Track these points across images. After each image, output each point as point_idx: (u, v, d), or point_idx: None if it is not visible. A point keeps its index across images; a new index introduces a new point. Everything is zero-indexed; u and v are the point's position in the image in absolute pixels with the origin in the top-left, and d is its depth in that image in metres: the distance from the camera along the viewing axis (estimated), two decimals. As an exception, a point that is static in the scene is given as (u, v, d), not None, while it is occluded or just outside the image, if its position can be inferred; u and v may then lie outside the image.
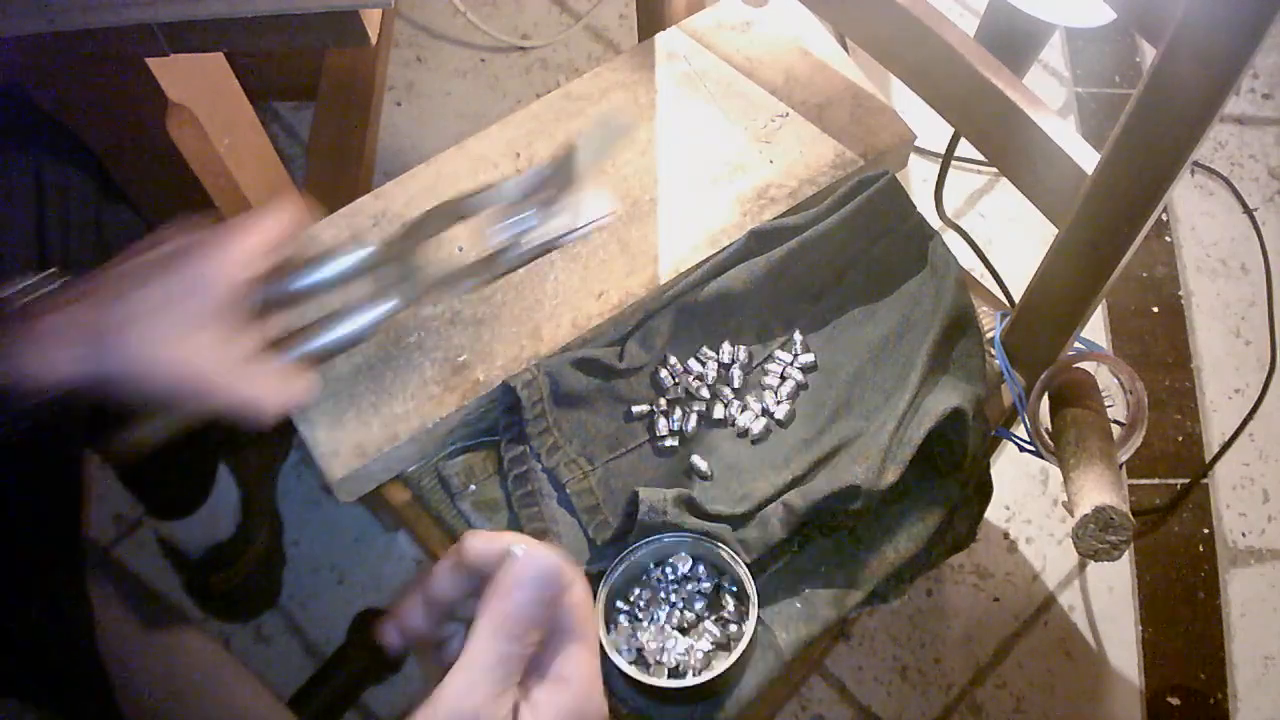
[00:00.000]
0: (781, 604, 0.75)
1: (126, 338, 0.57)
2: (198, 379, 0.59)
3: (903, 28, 0.76)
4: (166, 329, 0.57)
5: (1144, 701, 1.17)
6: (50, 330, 0.57)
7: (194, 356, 0.58)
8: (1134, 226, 0.66)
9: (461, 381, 0.78)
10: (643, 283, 0.81)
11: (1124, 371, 0.77)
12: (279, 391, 0.61)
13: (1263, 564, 1.24)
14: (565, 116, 0.88)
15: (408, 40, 1.54)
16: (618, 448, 0.78)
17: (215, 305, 0.59)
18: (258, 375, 0.61)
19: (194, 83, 0.82)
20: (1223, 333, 1.36)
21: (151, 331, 0.57)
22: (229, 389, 0.60)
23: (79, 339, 0.57)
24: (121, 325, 0.57)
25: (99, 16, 0.67)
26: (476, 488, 0.78)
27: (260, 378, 0.61)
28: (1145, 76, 0.58)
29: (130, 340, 0.57)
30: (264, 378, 0.61)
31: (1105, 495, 0.68)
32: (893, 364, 0.80)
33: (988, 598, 1.21)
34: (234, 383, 0.60)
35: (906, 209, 0.84)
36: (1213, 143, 1.49)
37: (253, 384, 0.60)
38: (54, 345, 0.56)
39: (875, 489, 0.73)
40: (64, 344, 0.56)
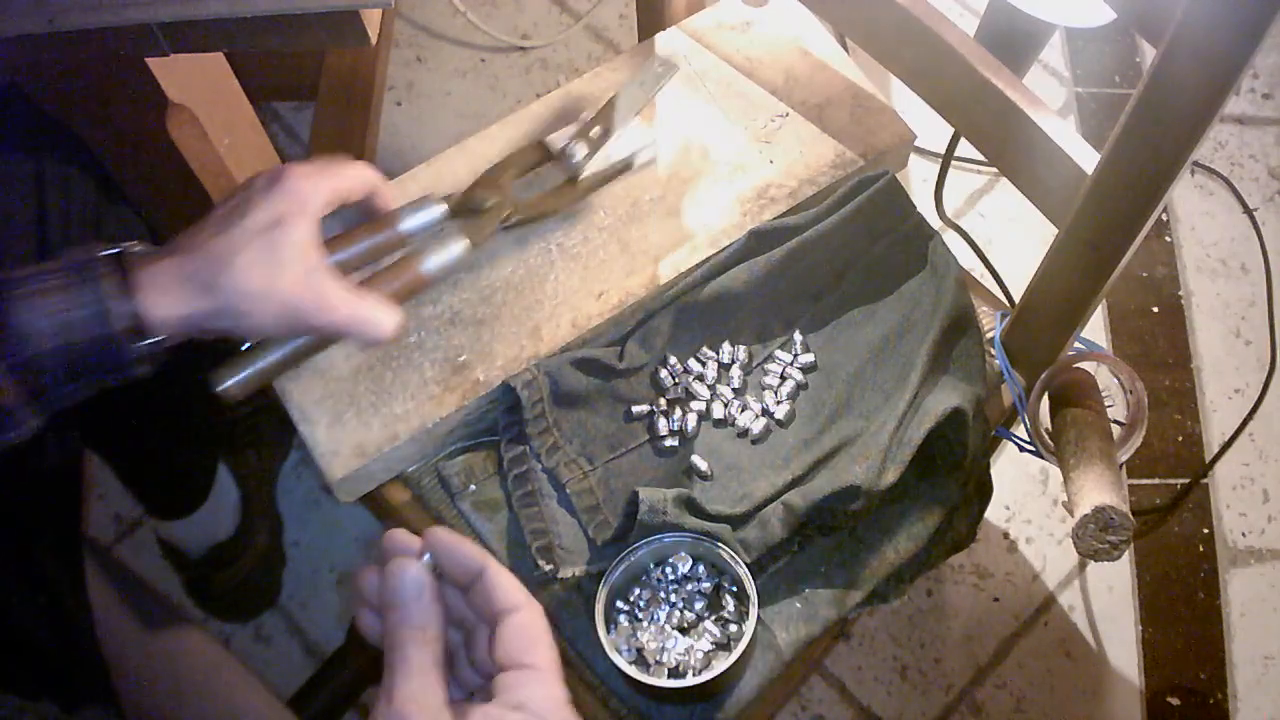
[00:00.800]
0: (781, 604, 0.75)
1: (235, 272, 0.60)
2: (314, 301, 0.63)
3: (903, 28, 0.76)
4: (270, 258, 0.61)
5: (1144, 701, 1.17)
6: (165, 274, 0.60)
7: (302, 282, 0.62)
8: (1134, 226, 0.66)
9: (461, 381, 0.78)
10: (643, 283, 0.81)
11: (1124, 371, 0.77)
12: (385, 316, 0.66)
13: (1263, 564, 1.24)
14: (565, 116, 0.88)
15: (408, 40, 1.54)
16: (618, 448, 0.78)
17: (311, 234, 0.63)
18: (364, 299, 0.65)
19: (194, 83, 0.82)
20: (1223, 333, 1.36)
21: (258, 262, 0.61)
22: (342, 310, 0.64)
23: (192, 279, 0.60)
24: (227, 260, 0.60)
25: (99, 16, 0.67)
26: (476, 488, 0.78)
27: (368, 300, 0.65)
28: (1145, 76, 0.58)
29: (239, 273, 0.60)
30: (371, 301, 0.65)
31: (1105, 495, 0.68)
32: (893, 364, 0.80)
33: (988, 598, 1.21)
34: (346, 303, 0.64)
35: (906, 209, 0.84)
36: (1213, 143, 1.49)
37: (361, 306, 0.65)
38: (170, 287, 0.60)
39: (875, 489, 0.73)
40: (179, 285, 0.60)
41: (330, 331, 0.66)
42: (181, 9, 0.67)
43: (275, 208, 0.62)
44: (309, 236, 0.63)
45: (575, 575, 0.73)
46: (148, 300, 0.60)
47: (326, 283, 0.64)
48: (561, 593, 0.74)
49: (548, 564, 0.73)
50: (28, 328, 0.57)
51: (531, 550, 0.74)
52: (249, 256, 0.61)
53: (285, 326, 0.63)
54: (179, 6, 0.67)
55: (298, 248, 0.62)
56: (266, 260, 0.61)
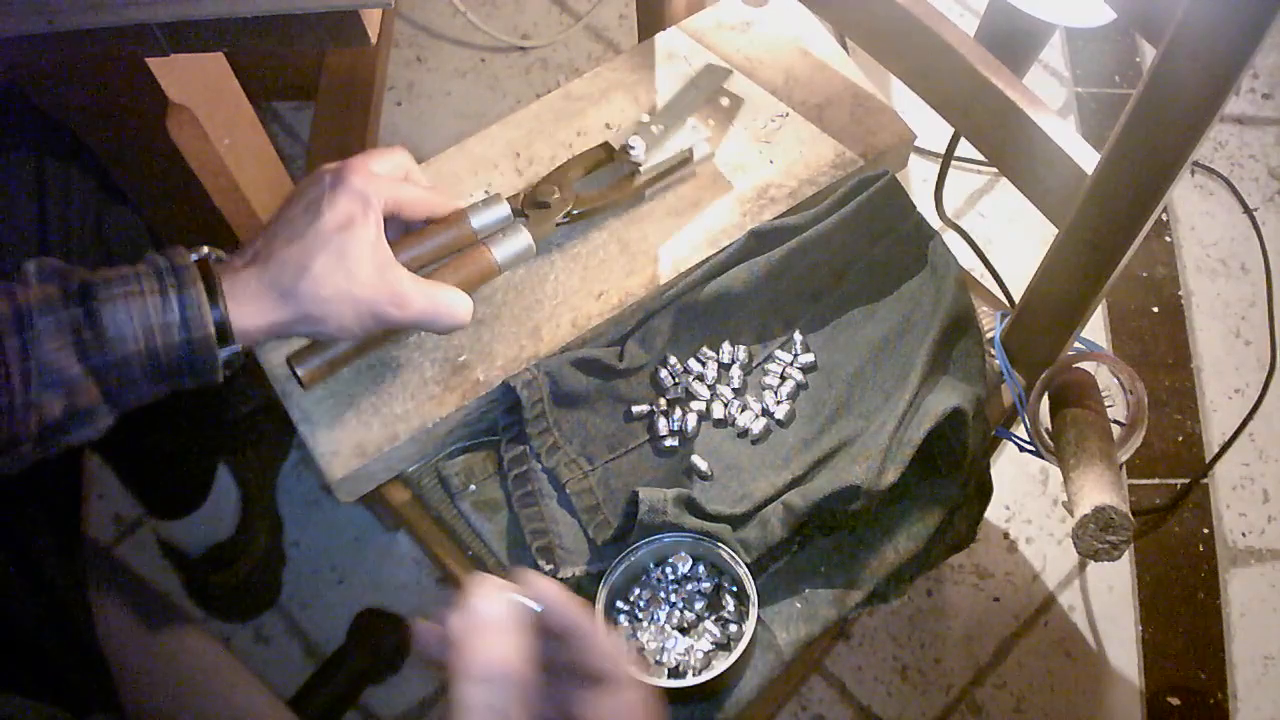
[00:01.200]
0: (781, 604, 0.75)
1: (312, 279, 0.62)
2: (390, 298, 0.64)
3: (903, 28, 0.76)
4: (343, 263, 0.63)
5: (1144, 701, 1.17)
6: (247, 284, 0.62)
7: (375, 281, 0.64)
8: (1134, 226, 0.66)
9: (461, 381, 0.78)
10: (643, 283, 0.81)
11: (1124, 371, 0.77)
12: (460, 303, 0.68)
13: (1263, 564, 1.24)
14: (565, 116, 0.88)
15: (408, 40, 1.54)
16: (618, 448, 0.78)
17: (378, 232, 0.64)
18: (438, 289, 0.67)
19: (194, 83, 0.82)
20: (1223, 333, 1.36)
21: (332, 268, 0.62)
22: (418, 304, 0.66)
23: (272, 288, 0.62)
24: (304, 268, 0.62)
25: (99, 16, 0.67)
26: (476, 488, 0.78)
27: (442, 290, 0.67)
28: (1145, 76, 0.58)
29: (315, 280, 0.62)
30: (445, 290, 0.68)
31: (1105, 495, 0.68)
32: (893, 364, 0.80)
33: (988, 598, 1.21)
34: (423, 296, 0.66)
35: (906, 209, 0.84)
36: (1213, 143, 1.49)
37: (437, 297, 0.67)
38: (253, 297, 0.62)
39: (875, 489, 0.73)
40: (261, 295, 0.62)
41: (409, 325, 0.67)
42: (181, 9, 0.67)
43: (343, 209, 0.63)
44: (376, 234, 0.64)
45: (575, 575, 0.73)
46: (233, 309, 0.61)
47: (400, 279, 0.65)
48: (561, 593, 0.74)
49: (548, 564, 0.73)
50: (117, 331, 0.58)
51: (531, 550, 0.74)
52: (323, 262, 0.62)
53: (366, 325, 0.65)
54: (179, 6, 0.67)
55: (367, 247, 0.64)
56: (340, 264, 0.63)
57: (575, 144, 0.87)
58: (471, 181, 0.85)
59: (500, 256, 0.75)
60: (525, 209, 0.78)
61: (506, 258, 0.75)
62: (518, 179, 0.85)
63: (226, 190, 0.91)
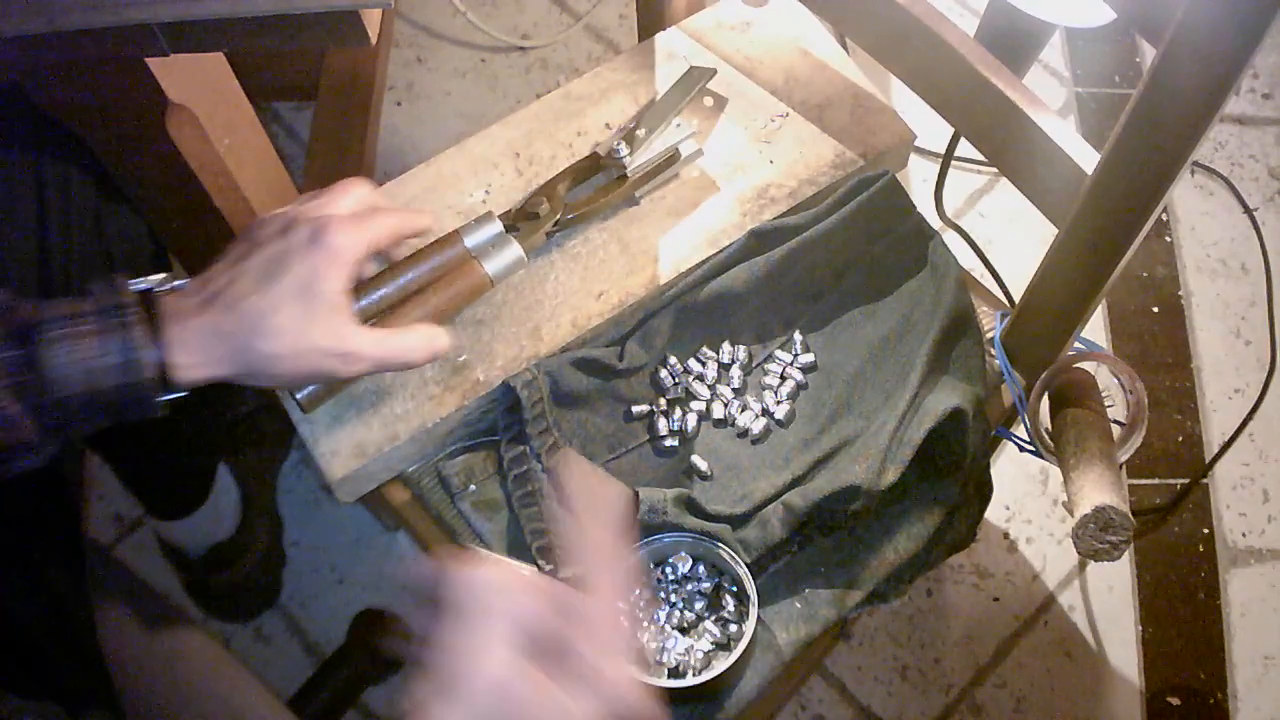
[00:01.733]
0: (781, 604, 0.75)
1: (266, 335, 0.61)
2: (340, 356, 0.63)
3: (903, 28, 0.76)
4: (302, 323, 0.61)
5: (1144, 701, 1.17)
6: (196, 333, 0.60)
7: (326, 342, 0.62)
8: (1134, 226, 0.66)
9: (461, 381, 0.78)
10: (643, 283, 0.81)
11: (1124, 371, 0.77)
12: (416, 345, 0.67)
13: (1263, 564, 1.24)
14: (565, 116, 0.88)
15: (408, 40, 1.54)
16: (618, 448, 0.78)
17: (343, 289, 0.63)
18: (390, 338, 0.66)
19: (194, 83, 0.82)
20: (1223, 333, 1.36)
21: (289, 328, 0.61)
22: (369, 357, 0.64)
23: (223, 341, 0.60)
24: (260, 324, 0.61)
25: (99, 16, 0.67)
26: (476, 488, 0.78)
27: (395, 338, 0.66)
28: (1145, 76, 0.58)
29: (270, 337, 0.61)
30: (398, 337, 0.67)
31: (1105, 495, 0.68)
32: (893, 364, 0.80)
33: (988, 598, 1.21)
34: (375, 347, 0.65)
35: (906, 209, 0.84)
36: (1213, 143, 1.49)
37: (387, 346, 0.66)
38: (200, 347, 0.60)
39: (875, 489, 0.73)
40: (209, 345, 0.60)
41: (362, 375, 0.67)
42: (181, 9, 0.67)
43: (312, 264, 0.62)
44: (341, 292, 0.63)
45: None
46: (176, 356, 0.60)
47: (351, 334, 0.64)
48: (561, 593, 0.74)
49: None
50: (56, 373, 0.57)
51: (531, 550, 0.74)
52: (281, 321, 0.61)
53: (314, 381, 0.65)
54: (179, 6, 0.67)
55: (329, 305, 0.62)
56: (297, 325, 0.61)
57: (575, 144, 0.87)
58: (471, 181, 0.85)
59: (492, 270, 0.76)
60: (516, 223, 0.80)
61: (498, 270, 0.77)
62: (518, 179, 0.85)
63: (226, 190, 0.91)
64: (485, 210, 0.81)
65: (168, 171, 0.86)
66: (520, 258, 0.78)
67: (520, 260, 0.78)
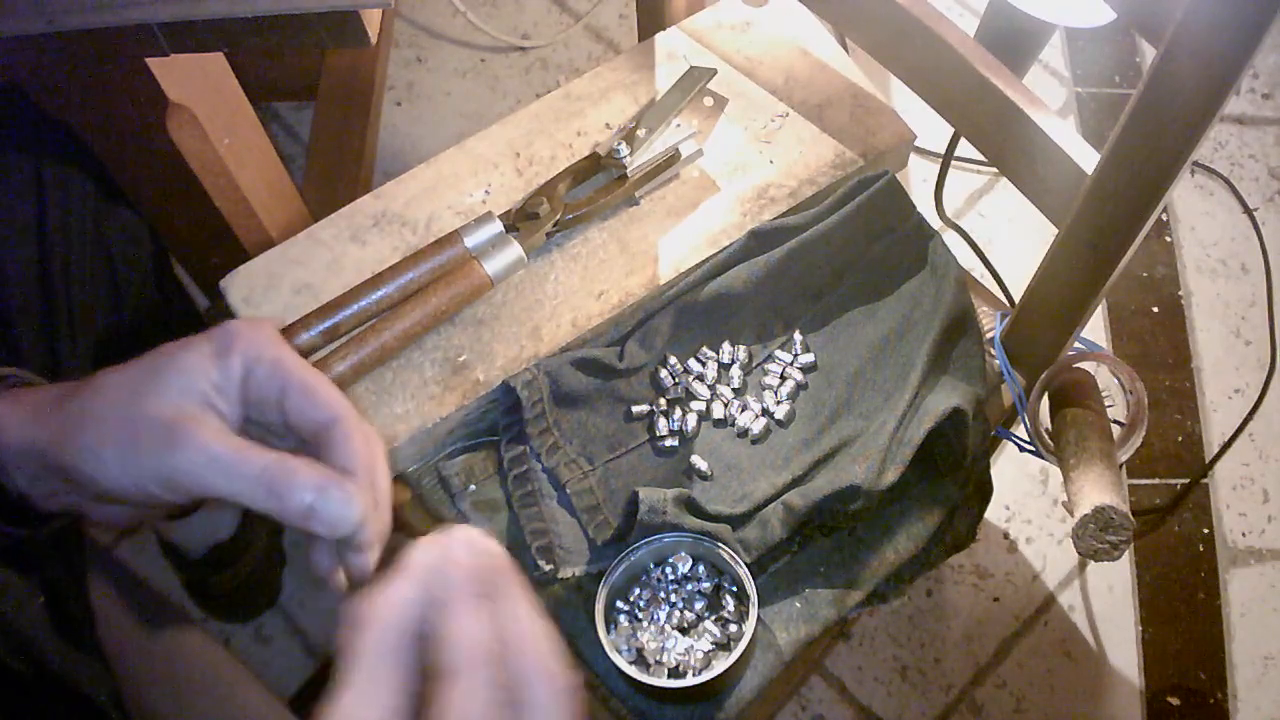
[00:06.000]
0: (781, 604, 0.75)
1: (93, 394, 0.48)
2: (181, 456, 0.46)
3: (903, 28, 0.76)
4: (147, 387, 0.48)
5: (1144, 701, 1.17)
6: (27, 395, 0.50)
7: (170, 421, 0.47)
8: (1134, 226, 0.66)
9: (461, 381, 0.78)
10: (643, 283, 0.81)
11: (1124, 371, 0.77)
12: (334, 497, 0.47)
13: (1263, 564, 1.24)
14: (565, 116, 0.88)
15: (408, 40, 1.54)
16: (618, 448, 0.78)
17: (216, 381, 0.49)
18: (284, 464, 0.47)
19: (194, 83, 0.82)
20: (1223, 333, 1.36)
21: (126, 386, 0.48)
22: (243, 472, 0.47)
23: (46, 402, 0.49)
24: (95, 384, 0.48)
25: (99, 16, 0.67)
26: (476, 488, 0.78)
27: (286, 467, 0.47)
28: (1145, 76, 0.58)
29: (96, 394, 0.48)
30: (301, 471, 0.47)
31: (1105, 495, 0.68)
32: (893, 364, 0.80)
33: (988, 598, 1.21)
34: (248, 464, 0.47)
35: (906, 209, 0.84)
36: (1213, 143, 1.49)
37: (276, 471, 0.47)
38: (20, 407, 0.49)
39: (875, 489, 0.73)
40: (31, 406, 0.49)
41: (210, 490, 0.46)
42: (181, 9, 0.67)
43: (202, 338, 0.49)
44: (214, 380, 0.48)
45: (575, 575, 0.73)
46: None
47: (207, 426, 0.47)
48: (561, 593, 0.74)
49: (548, 564, 0.73)
50: None
51: (531, 550, 0.74)
52: (116, 375, 0.48)
53: (133, 466, 0.46)
54: (179, 6, 0.67)
55: (189, 378, 0.47)
56: (132, 381, 0.47)
57: (575, 144, 0.87)
58: (471, 181, 0.85)
59: (492, 270, 0.77)
60: (517, 223, 0.80)
61: (498, 270, 0.77)
62: (518, 179, 0.85)
63: (226, 190, 0.91)
64: (485, 210, 0.82)
65: (168, 171, 0.86)
66: (520, 258, 0.78)
67: (520, 260, 0.78)
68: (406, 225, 0.83)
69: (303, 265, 0.82)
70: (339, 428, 0.49)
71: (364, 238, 0.83)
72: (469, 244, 0.78)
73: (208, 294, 1.11)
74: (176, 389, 0.47)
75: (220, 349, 0.49)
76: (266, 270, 0.82)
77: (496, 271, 0.78)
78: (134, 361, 0.49)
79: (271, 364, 0.49)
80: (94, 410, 0.47)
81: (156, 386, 0.47)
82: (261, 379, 0.49)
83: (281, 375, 0.49)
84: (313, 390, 0.49)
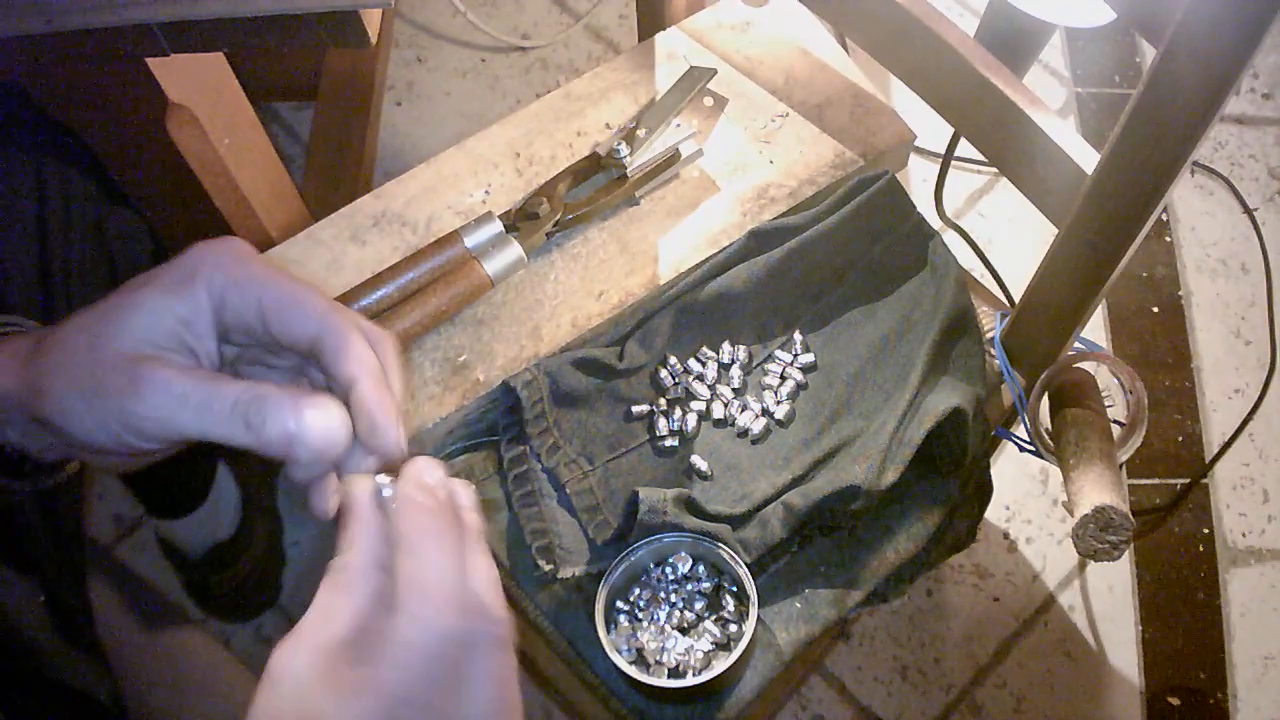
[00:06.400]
0: (781, 604, 0.75)
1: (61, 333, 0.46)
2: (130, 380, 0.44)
3: (903, 28, 0.76)
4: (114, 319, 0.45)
5: (1144, 701, 1.17)
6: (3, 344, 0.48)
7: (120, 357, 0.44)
8: (1134, 226, 0.66)
9: (461, 381, 0.78)
10: (643, 283, 0.81)
11: (1124, 371, 0.77)
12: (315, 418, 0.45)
13: (1263, 564, 1.24)
14: (565, 116, 0.88)
15: (408, 40, 1.54)
16: (618, 448, 0.78)
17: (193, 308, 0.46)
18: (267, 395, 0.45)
19: (194, 83, 0.82)
20: (1223, 333, 1.36)
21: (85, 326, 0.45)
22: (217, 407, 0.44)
23: (20, 346, 0.47)
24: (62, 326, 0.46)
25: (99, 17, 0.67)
26: (476, 488, 0.78)
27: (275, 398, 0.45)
28: (1145, 76, 0.58)
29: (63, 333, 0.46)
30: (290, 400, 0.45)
31: (1105, 495, 0.68)
32: (893, 364, 0.80)
33: (988, 598, 1.21)
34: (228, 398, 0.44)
35: (906, 209, 0.84)
36: (1213, 143, 1.49)
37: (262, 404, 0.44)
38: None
39: (875, 489, 0.73)
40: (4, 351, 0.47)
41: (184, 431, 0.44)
42: (181, 9, 0.67)
43: (165, 267, 0.46)
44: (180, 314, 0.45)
45: (575, 575, 0.73)
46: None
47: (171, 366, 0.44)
48: (561, 593, 0.74)
49: (548, 564, 0.73)
50: None
51: (531, 550, 0.74)
52: (79, 319, 0.45)
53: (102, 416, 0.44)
54: (179, 6, 0.67)
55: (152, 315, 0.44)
56: (93, 325, 0.45)
57: (575, 144, 0.87)
58: (471, 181, 0.85)
59: (492, 270, 0.77)
60: (517, 223, 0.80)
61: (498, 270, 0.77)
62: (518, 179, 0.85)
63: (226, 190, 0.91)
64: (485, 210, 0.81)
65: (168, 171, 0.86)
66: (520, 258, 0.78)
67: (520, 260, 0.78)
68: (406, 225, 0.83)
69: (303, 265, 0.82)
70: (330, 338, 0.45)
71: (364, 238, 0.83)
72: (469, 244, 0.78)
73: (208, 294, 1.11)
74: (138, 328, 0.44)
75: (182, 278, 0.45)
76: (266, 270, 0.82)
77: (496, 271, 0.78)
78: (98, 303, 0.46)
79: (242, 283, 0.45)
80: (58, 359, 0.45)
81: (117, 329, 0.44)
82: (236, 302, 0.45)
83: (255, 292, 0.45)
84: (292, 303, 0.45)
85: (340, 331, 0.45)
